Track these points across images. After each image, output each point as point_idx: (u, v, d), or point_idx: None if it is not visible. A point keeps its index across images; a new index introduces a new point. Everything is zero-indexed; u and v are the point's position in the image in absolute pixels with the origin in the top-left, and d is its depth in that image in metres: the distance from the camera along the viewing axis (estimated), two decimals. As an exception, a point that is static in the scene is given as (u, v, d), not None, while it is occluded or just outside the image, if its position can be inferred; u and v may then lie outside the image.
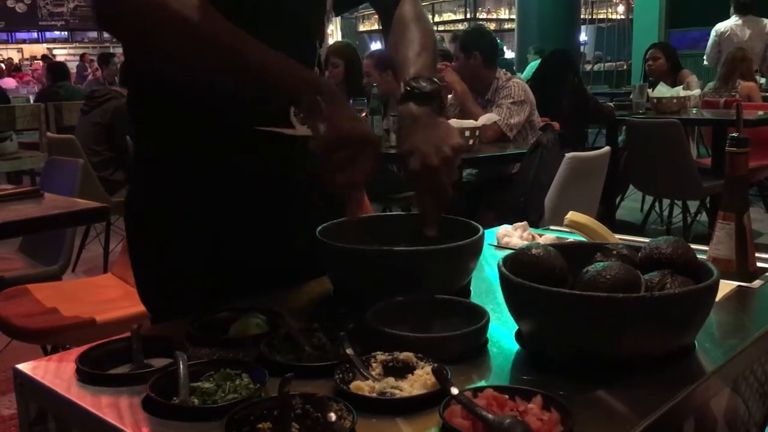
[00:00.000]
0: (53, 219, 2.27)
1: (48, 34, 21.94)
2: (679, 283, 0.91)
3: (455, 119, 3.58)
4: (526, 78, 5.10)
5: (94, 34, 21.24)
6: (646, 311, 0.85)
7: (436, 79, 1.19)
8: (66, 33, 22.11)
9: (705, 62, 7.68)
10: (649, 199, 5.46)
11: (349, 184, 1.04)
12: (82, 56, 16.55)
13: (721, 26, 7.55)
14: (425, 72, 1.21)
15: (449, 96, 4.01)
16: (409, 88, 1.17)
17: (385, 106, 4.52)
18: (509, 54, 12.55)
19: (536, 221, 3.01)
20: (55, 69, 8.47)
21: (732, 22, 7.49)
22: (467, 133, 3.38)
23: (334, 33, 21.44)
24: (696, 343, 0.95)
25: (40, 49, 20.98)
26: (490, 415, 0.75)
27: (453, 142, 1.13)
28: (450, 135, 1.14)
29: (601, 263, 0.93)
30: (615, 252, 1.02)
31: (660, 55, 5.65)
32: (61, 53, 21.13)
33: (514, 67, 9.56)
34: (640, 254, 1.00)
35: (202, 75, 1.05)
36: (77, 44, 21.87)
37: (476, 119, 3.56)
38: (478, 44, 3.94)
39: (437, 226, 1.14)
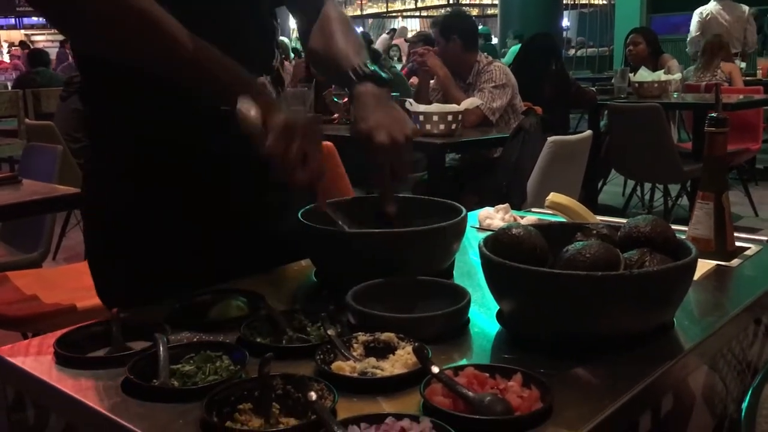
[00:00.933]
0: (32, 205, 2.25)
1: (26, 20, 21.62)
2: (657, 261, 0.92)
3: (438, 104, 3.57)
4: (508, 63, 5.09)
5: (72, 20, 20.92)
6: (625, 289, 0.85)
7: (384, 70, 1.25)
8: (44, 19, 21.75)
9: (687, 49, 7.72)
10: (630, 183, 5.50)
11: (311, 178, 1.04)
12: (63, 43, 16.31)
13: (702, 11, 7.61)
14: (368, 60, 1.24)
15: (431, 81, 4.00)
16: (366, 71, 1.19)
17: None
18: (494, 40, 12.54)
19: (519, 205, 3.02)
20: (36, 56, 8.35)
21: (711, 6, 7.54)
22: (450, 118, 3.37)
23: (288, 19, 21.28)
24: (675, 320, 0.96)
25: (17, 35, 20.68)
26: (470, 393, 0.75)
27: (411, 125, 1.18)
28: (406, 119, 1.19)
29: (581, 242, 0.94)
30: (595, 231, 1.02)
31: (641, 40, 5.67)
32: (39, 39, 20.83)
33: (500, 52, 9.55)
34: (619, 233, 1.01)
35: (142, 63, 1.05)
36: (55, 30, 21.54)
37: (458, 104, 3.56)
38: (457, 28, 3.93)
39: (395, 204, 1.17)
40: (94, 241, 1.27)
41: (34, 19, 21.62)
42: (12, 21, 21.40)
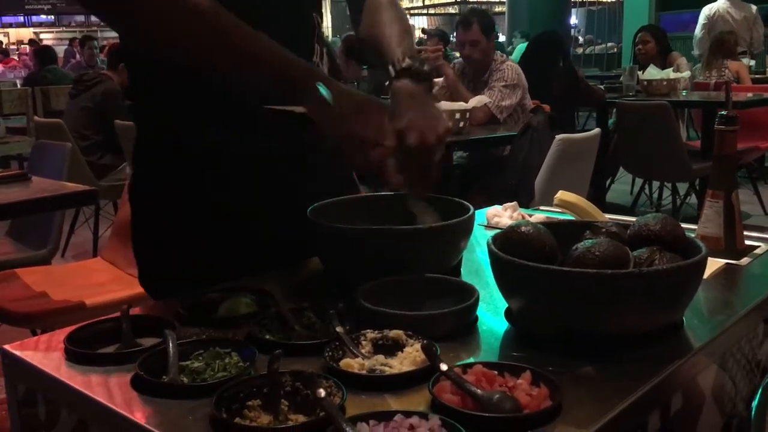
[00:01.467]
0: (41, 202, 2.26)
1: (34, 18, 21.70)
2: (667, 260, 0.91)
3: (445, 102, 3.57)
4: (515, 61, 5.09)
5: (81, 18, 21.03)
6: (634, 287, 0.85)
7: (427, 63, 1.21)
8: (52, 17, 21.86)
9: (693, 51, 7.69)
10: (639, 181, 5.48)
11: (377, 162, 1.06)
12: (71, 41, 16.37)
13: (709, 9, 7.58)
14: (413, 53, 1.21)
15: (440, 79, 4.00)
16: (405, 66, 1.17)
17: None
18: (502, 38, 12.51)
19: (527, 203, 3.01)
20: (43, 53, 8.38)
21: (719, 5, 7.51)
22: (457, 116, 3.37)
23: (324, 16, 21.30)
24: (684, 319, 0.95)
25: (26, 33, 20.77)
26: (479, 391, 0.75)
27: (445, 125, 1.14)
28: (442, 117, 1.16)
29: (590, 240, 0.94)
30: (604, 229, 1.02)
31: (649, 38, 5.65)
32: (48, 37, 20.91)
33: (507, 50, 9.54)
34: (629, 231, 1.01)
35: (210, 67, 1.04)
36: (64, 28, 21.65)
37: (466, 102, 3.55)
38: (492, 26, 3.99)
39: (423, 204, 1.15)
40: (141, 230, 1.29)
41: (43, 17, 21.71)
42: (21, 19, 21.49)
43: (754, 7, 7.53)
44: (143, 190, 1.28)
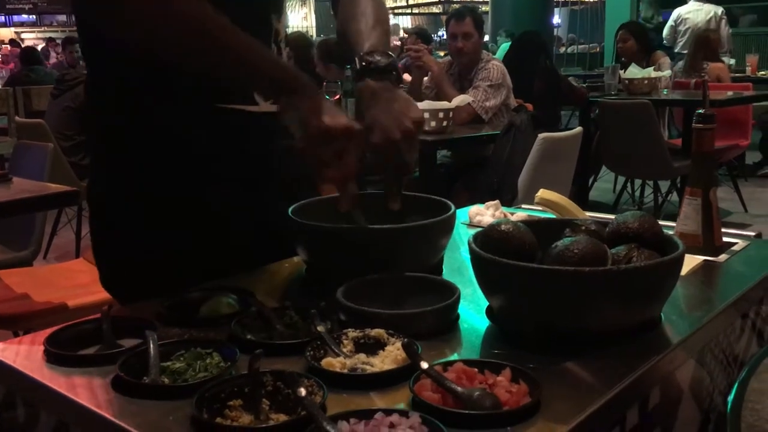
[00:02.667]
0: (22, 203, 2.24)
1: (15, 18, 21.48)
2: (645, 257, 0.92)
3: (429, 101, 3.58)
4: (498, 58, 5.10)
5: (63, 18, 20.84)
6: (612, 284, 0.86)
7: (390, 53, 1.18)
8: (34, 16, 21.66)
9: (664, 41, 8.01)
10: (621, 179, 5.51)
11: (340, 179, 1.05)
12: (48, 41, 16.22)
13: (680, 10, 7.88)
14: (380, 46, 1.19)
15: (425, 78, 4.01)
16: (364, 63, 1.16)
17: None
18: (486, 37, 12.55)
19: (510, 202, 3.03)
20: (27, 54, 8.32)
21: (683, 9, 7.93)
22: (441, 115, 3.38)
23: (308, 16, 21.25)
24: (662, 315, 0.97)
25: (7, 32, 20.55)
26: (459, 388, 0.76)
27: (413, 115, 1.12)
28: (409, 108, 1.13)
29: (570, 238, 0.95)
30: (583, 227, 1.03)
31: (628, 36, 5.67)
32: (29, 37, 20.71)
33: (489, 48, 9.57)
34: (607, 229, 1.02)
35: (197, 67, 1.06)
36: (45, 28, 21.46)
37: (450, 101, 3.56)
38: (483, 24, 3.99)
39: (400, 200, 1.15)
40: (100, 230, 1.27)
41: (24, 16, 21.50)
42: (2, 19, 21.26)
43: (720, 9, 7.73)
44: (102, 190, 1.25)
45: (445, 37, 4.09)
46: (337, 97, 4.12)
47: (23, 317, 2.27)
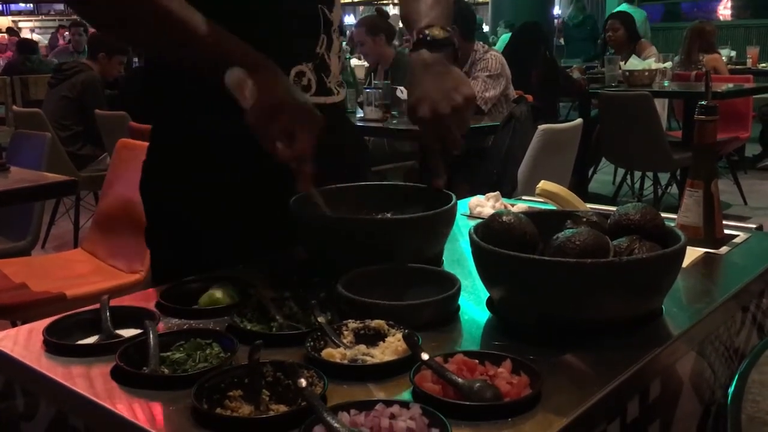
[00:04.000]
0: (20, 192, 2.24)
1: (13, 7, 21.39)
2: (647, 249, 0.92)
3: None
4: (498, 50, 5.08)
5: (60, 6, 20.77)
6: (614, 276, 0.86)
7: (449, 29, 1.17)
8: (31, 5, 21.58)
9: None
10: (621, 171, 5.51)
11: (292, 158, 1.03)
12: (58, 29, 16.14)
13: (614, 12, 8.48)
14: (439, 22, 1.17)
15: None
16: (421, 36, 1.15)
17: (373, 74, 4.48)
18: (486, 28, 12.51)
19: (509, 193, 3.02)
20: (24, 45, 8.30)
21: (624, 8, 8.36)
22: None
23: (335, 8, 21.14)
24: (663, 307, 0.96)
25: (4, 21, 20.46)
26: (460, 380, 0.75)
27: (465, 92, 1.10)
28: (462, 84, 1.11)
29: (571, 230, 0.94)
30: (585, 219, 1.03)
31: (619, 25, 5.65)
32: (27, 26, 20.64)
33: (490, 40, 9.55)
34: (609, 221, 1.01)
35: (152, 48, 1.13)
36: (43, 17, 21.38)
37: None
38: (457, 16, 3.92)
39: (444, 176, 1.14)
40: (152, 217, 1.30)
41: (22, 5, 21.41)
42: (-1, 7, 21.20)
43: (644, 12, 8.42)
44: (157, 179, 1.29)
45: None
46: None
47: (21, 307, 2.26)
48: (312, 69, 1.23)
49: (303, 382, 0.73)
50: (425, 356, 0.78)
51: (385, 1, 20.55)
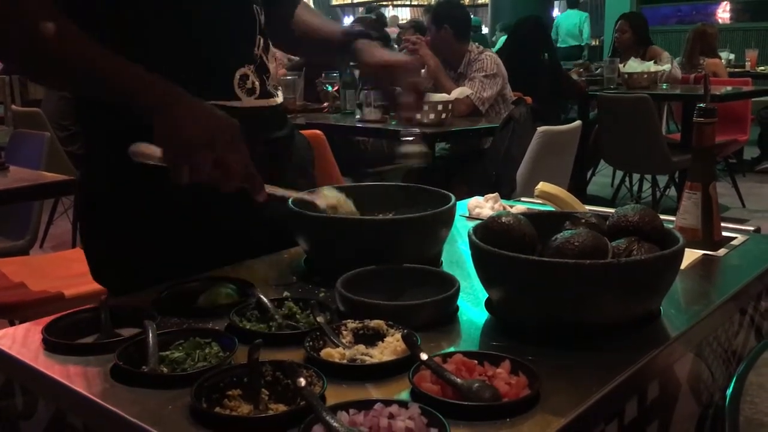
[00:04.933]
0: (19, 192, 2.23)
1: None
2: (645, 250, 0.92)
3: (427, 93, 3.56)
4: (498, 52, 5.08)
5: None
6: (612, 277, 0.86)
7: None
8: None
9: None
10: (619, 173, 5.51)
11: (239, 176, 1.00)
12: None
13: (560, 16, 9.29)
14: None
15: (422, 71, 3.99)
16: (357, 31, 1.34)
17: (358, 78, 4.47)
18: (485, 29, 12.52)
19: (508, 195, 3.02)
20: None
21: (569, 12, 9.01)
22: (440, 107, 3.37)
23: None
24: (661, 309, 0.97)
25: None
26: (458, 380, 0.76)
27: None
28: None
29: (570, 231, 0.94)
30: (583, 220, 1.03)
31: (627, 27, 5.65)
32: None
33: (490, 42, 9.57)
34: (608, 222, 1.01)
35: (56, 86, 1.16)
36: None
37: (449, 93, 3.55)
38: (449, 17, 3.93)
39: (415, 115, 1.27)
40: (89, 222, 1.27)
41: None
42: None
43: (585, 14, 8.92)
44: (94, 184, 1.25)
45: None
46: (336, 87, 4.11)
47: (19, 306, 2.26)
48: (253, 71, 1.24)
49: (302, 382, 0.73)
50: (424, 356, 0.79)
51: (384, 3, 20.56)
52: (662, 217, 1.05)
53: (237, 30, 1.23)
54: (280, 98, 1.33)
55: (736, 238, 1.30)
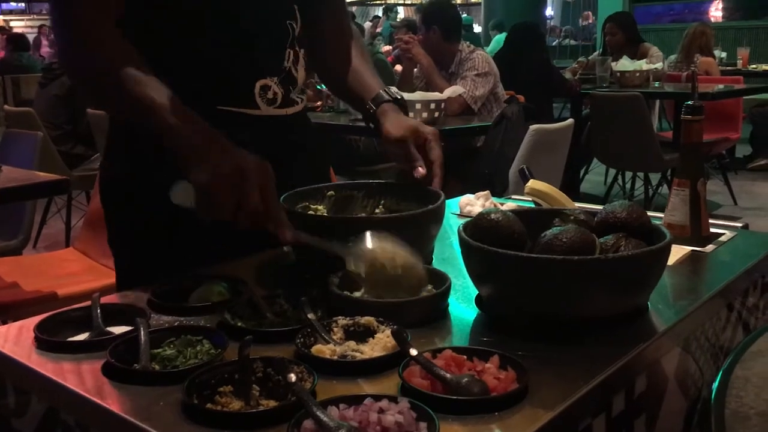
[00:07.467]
0: (12, 191, 2.23)
1: (4, 6, 21.29)
2: (632, 246, 0.93)
3: (420, 92, 3.57)
4: (492, 52, 5.10)
5: (52, 6, 20.63)
6: (600, 273, 0.87)
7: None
8: (23, 4, 21.48)
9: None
10: (612, 171, 5.53)
11: (269, 215, 1.00)
12: (40, 28, 16.08)
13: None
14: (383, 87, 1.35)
15: (415, 69, 4.00)
16: (388, 98, 1.32)
17: None
18: (477, 28, 12.54)
19: (501, 192, 3.04)
20: (16, 41, 8.25)
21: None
22: (432, 106, 3.38)
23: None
24: (649, 304, 0.98)
25: (-4, 20, 20.35)
26: (448, 375, 0.76)
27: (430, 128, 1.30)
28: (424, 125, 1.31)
29: (558, 227, 0.95)
30: (572, 217, 1.04)
31: (616, 29, 5.66)
32: (19, 25, 20.52)
33: (482, 41, 9.58)
34: (596, 219, 1.02)
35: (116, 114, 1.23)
36: (35, 16, 21.26)
37: (441, 92, 3.56)
38: (439, 17, 3.93)
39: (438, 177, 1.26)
40: (115, 223, 1.32)
41: (13, 4, 21.31)
42: (-10, 6, 21.08)
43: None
44: (115, 181, 1.29)
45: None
46: (319, 104, 4.12)
47: (12, 306, 2.26)
48: (277, 82, 1.27)
49: (293, 378, 0.74)
50: (414, 352, 0.79)
51: (378, 2, 20.55)
52: (651, 214, 1.06)
53: (264, 44, 1.25)
54: (302, 105, 1.35)
55: (724, 234, 1.31)
